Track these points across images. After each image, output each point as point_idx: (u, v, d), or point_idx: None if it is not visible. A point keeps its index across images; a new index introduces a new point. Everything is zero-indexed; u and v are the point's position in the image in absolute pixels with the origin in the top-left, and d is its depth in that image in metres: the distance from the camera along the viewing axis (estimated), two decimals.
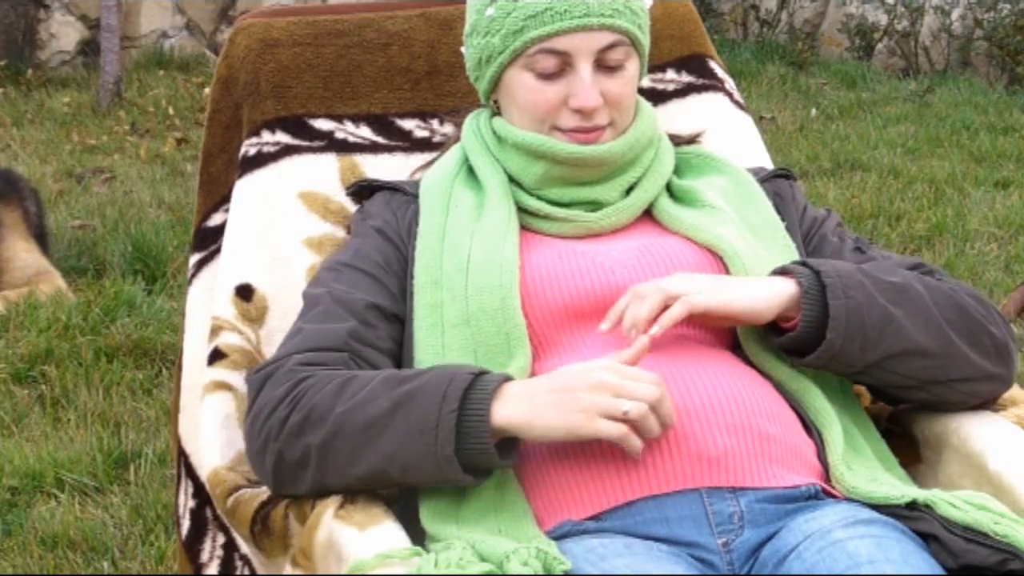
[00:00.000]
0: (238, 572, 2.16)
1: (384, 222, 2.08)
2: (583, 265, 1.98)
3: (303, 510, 1.88)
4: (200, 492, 2.17)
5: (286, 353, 1.91)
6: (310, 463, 1.83)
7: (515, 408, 1.77)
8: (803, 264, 1.93)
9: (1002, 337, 1.97)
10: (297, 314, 2.02)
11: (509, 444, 1.80)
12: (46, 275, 4.60)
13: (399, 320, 1.98)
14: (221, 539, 2.16)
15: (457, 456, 1.75)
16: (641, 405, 1.75)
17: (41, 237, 4.82)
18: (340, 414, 1.81)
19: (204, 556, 2.17)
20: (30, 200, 4.82)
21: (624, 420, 1.74)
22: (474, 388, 1.77)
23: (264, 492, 1.94)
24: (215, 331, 2.14)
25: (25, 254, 4.63)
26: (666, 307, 1.87)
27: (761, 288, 1.91)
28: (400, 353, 1.96)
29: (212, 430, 2.06)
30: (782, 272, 1.93)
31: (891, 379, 1.95)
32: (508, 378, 1.81)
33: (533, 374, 1.90)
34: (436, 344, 1.92)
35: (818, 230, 2.14)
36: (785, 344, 1.92)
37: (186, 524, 2.19)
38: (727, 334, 1.98)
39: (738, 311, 1.89)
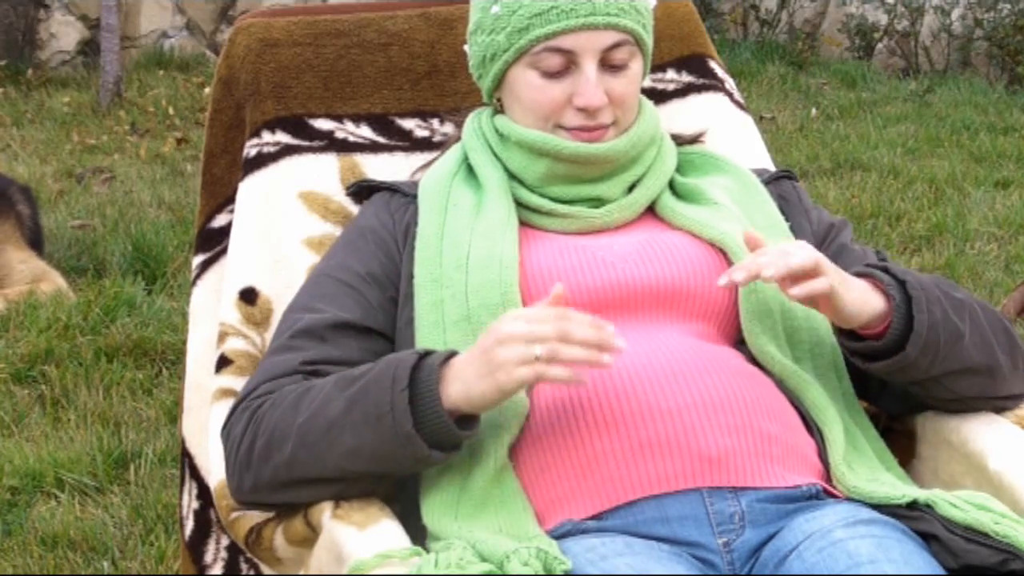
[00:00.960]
0: (243, 573, 2.16)
1: (380, 223, 2.08)
2: (584, 260, 1.98)
3: (293, 526, 1.88)
4: (204, 493, 2.18)
5: (242, 394, 1.95)
6: (283, 479, 1.86)
7: (455, 388, 1.79)
8: (886, 271, 1.92)
9: None
10: None
11: (469, 417, 1.82)
12: (45, 276, 4.60)
13: (373, 332, 1.98)
14: (225, 540, 2.17)
15: (418, 432, 1.77)
16: (550, 346, 1.74)
17: (36, 238, 4.80)
18: (300, 424, 1.84)
19: (208, 557, 2.18)
20: (22, 203, 4.78)
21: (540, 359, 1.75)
22: (420, 366, 1.79)
23: (262, 515, 1.95)
24: (221, 337, 2.14)
25: (21, 265, 4.62)
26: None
27: (867, 297, 1.88)
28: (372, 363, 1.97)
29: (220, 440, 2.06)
30: (866, 275, 1.92)
31: (940, 393, 1.97)
32: (453, 353, 1.82)
33: None
34: (438, 343, 1.93)
35: (836, 237, 2.13)
36: (862, 350, 1.91)
37: (190, 525, 2.19)
38: (730, 331, 1.98)
39: (848, 311, 1.87)
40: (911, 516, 1.81)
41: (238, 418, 1.92)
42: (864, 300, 1.88)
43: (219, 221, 2.29)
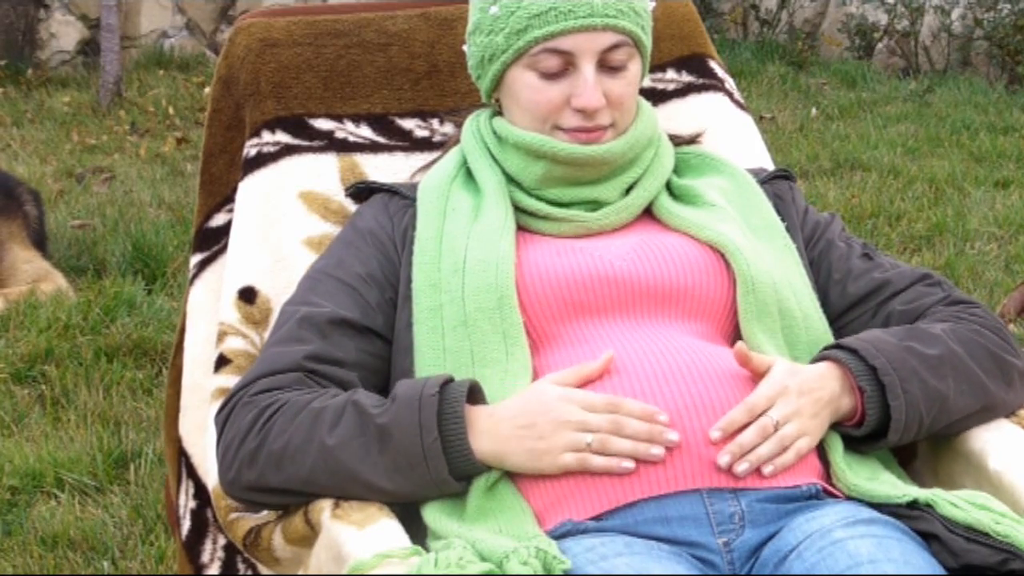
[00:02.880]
0: (240, 574, 2.16)
1: (378, 225, 2.08)
2: (581, 260, 1.98)
3: (292, 525, 1.88)
4: (201, 493, 2.17)
5: (245, 382, 1.94)
6: (295, 489, 1.87)
7: (487, 445, 1.82)
8: (854, 353, 1.90)
9: (1022, 364, 2.00)
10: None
11: None
12: (48, 276, 4.61)
13: (371, 332, 1.99)
14: (222, 540, 2.17)
15: (452, 476, 1.81)
16: (600, 435, 1.79)
17: (40, 239, 4.82)
18: (321, 449, 1.84)
19: (205, 557, 2.18)
20: (30, 204, 4.82)
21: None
22: (445, 410, 1.81)
23: (261, 517, 1.95)
24: (220, 336, 2.14)
25: (25, 265, 4.64)
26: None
27: (838, 409, 1.89)
28: (371, 363, 1.97)
29: None
30: (832, 359, 1.91)
31: (939, 435, 1.98)
32: (471, 390, 1.84)
33: (535, 370, 1.91)
34: (437, 347, 1.93)
35: (823, 234, 2.13)
36: (843, 435, 1.92)
37: (186, 524, 2.19)
38: (728, 331, 1.98)
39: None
40: (911, 516, 1.81)
41: (242, 410, 1.90)
42: (838, 415, 1.90)
43: (217, 220, 2.29)
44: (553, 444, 1.80)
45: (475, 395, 1.87)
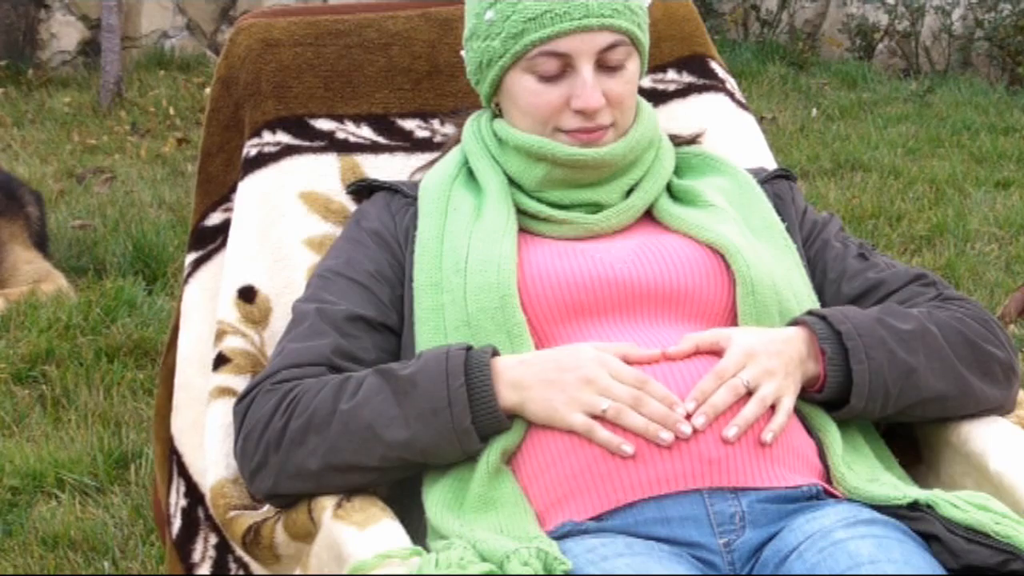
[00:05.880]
0: (232, 573, 2.15)
1: (382, 224, 2.08)
2: (583, 262, 1.98)
3: (297, 521, 1.88)
4: (192, 492, 2.17)
5: (267, 373, 1.94)
6: (316, 466, 1.86)
7: (512, 395, 1.83)
8: (823, 319, 1.92)
9: (1007, 359, 1.99)
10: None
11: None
12: (49, 277, 4.61)
13: (387, 329, 1.99)
14: (214, 539, 2.15)
15: (474, 427, 1.81)
16: (617, 405, 1.80)
17: (42, 240, 4.83)
18: (344, 412, 1.84)
19: (196, 556, 2.17)
20: (31, 205, 4.83)
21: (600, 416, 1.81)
22: (471, 361, 1.83)
23: (260, 514, 1.94)
24: (219, 336, 2.14)
25: (27, 266, 4.65)
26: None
27: (806, 372, 1.90)
28: (388, 360, 1.97)
29: (217, 438, 2.06)
30: (800, 322, 1.93)
31: (907, 420, 1.98)
32: (495, 352, 1.86)
33: None
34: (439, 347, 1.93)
35: (820, 234, 2.13)
36: (807, 401, 1.93)
37: (177, 523, 2.18)
38: None
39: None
40: (912, 516, 1.81)
41: (266, 396, 1.91)
42: (804, 371, 1.90)
43: (213, 220, 2.29)
44: (571, 400, 1.81)
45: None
